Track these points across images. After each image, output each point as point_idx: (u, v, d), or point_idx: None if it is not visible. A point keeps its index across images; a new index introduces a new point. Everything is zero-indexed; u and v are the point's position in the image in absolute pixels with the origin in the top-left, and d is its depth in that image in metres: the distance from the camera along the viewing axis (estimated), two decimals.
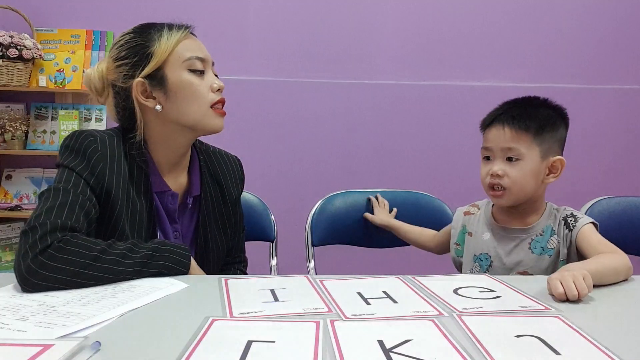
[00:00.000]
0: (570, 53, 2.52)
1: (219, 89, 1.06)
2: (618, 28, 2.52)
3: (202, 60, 1.04)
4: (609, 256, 1.00)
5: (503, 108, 1.16)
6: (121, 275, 0.88)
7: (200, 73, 1.04)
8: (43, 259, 0.84)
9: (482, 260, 1.20)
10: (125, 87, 1.03)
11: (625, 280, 0.97)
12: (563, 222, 1.13)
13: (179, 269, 0.95)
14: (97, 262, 0.87)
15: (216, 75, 1.09)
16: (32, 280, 0.83)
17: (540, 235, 1.15)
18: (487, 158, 1.15)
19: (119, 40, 1.05)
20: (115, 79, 1.04)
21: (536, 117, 1.11)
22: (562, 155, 1.16)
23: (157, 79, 1.02)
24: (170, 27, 1.04)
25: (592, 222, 1.12)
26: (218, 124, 1.06)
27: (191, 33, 1.08)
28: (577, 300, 0.83)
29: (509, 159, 1.11)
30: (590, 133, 2.54)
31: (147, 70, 1.01)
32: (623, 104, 2.55)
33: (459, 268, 1.28)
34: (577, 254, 1.12)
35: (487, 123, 1.16)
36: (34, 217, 0.89)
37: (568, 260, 1.12)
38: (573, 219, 1.13)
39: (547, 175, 1.14)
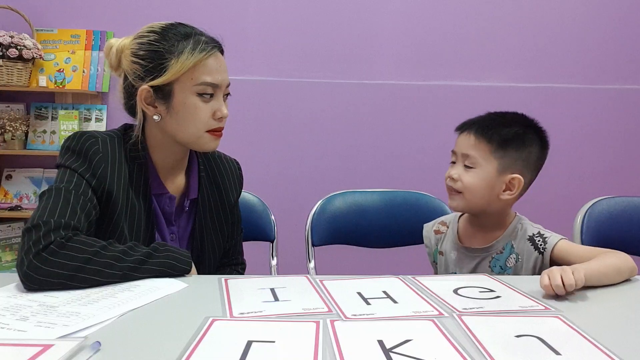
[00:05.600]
0: (570, 53, 2.52)
1: (221, 117, 1.03)
2: (618, 28, 2.52)
3: (214, 86, 1.01)
4: (609, 255, 0.99)
5: (478, 117, 1.18)
6: (122, 271, 0.88)
7: (209, 96, 1.01)
8: (46, 255, 0.84)
9: None
10: (134, 85, 1.01)
11: (629, 279, 0.97)
12: (529, 242, 1.11)
13: (181, 267, 0.95)
14: (97, 257, 0.87)
15: (228, 95, 1.07)
16: (35, 276, 0.83)
17: (500, 252, 1.14)
18: (454, 162, 1.17)
19: (143, 36, 1.01)
20: (127, 71, 1.02)
21: (502, 131, 1.11)
22: (533, 176, 1.14)
23: (164, 92, 1.00)
24: (197, 42, 0.99)
25: (563, 238, 1.10)
26: (211, 146, 1.05)
27: (220, 49, 1.04)
28: (563, 298, 0.83)
29: (466, 166, 1.13)
30: (591, 133, 2.54)
31: (157, 82, 0.99)
32: (623, 104, 2.55)
33: None
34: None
35: (459, 128, 1.18)
36: (37, 215, 0.89)
37: None
38: (541, 239, 1.10)
39: (504, 191, 1.12)
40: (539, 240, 1.10)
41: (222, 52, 1.06)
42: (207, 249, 1.15)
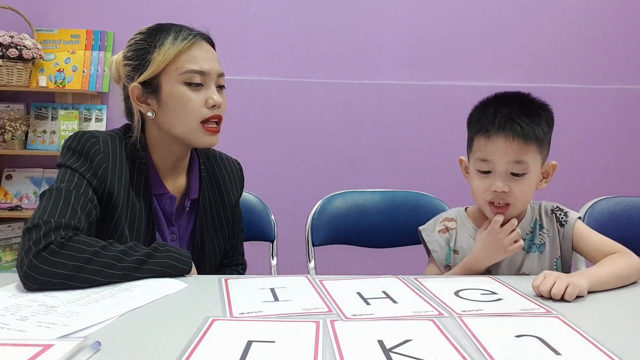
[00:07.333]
0: (569, 53, 2.52)
1: (214, 105, 1.02)
2: (618, 28, 2.52)
3: (202, 73, 1.01)
4: (618, 261, 0.96)
5: (502, 112, 0.99)
6: (122, 271, 0.88)
7: (198, 86, 1.01)
8: (46, 255, 0.84)
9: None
10: (128, 87, 1.03)
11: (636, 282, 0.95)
12: (553, 215, 1.07)
13: (181, 267, 0.95)
14: (97, 257, 0.87)
15: (222, 87, 1.06)
16: (35, 276, 0.83)
17: (530, 233, 1.09)
18: (485, 172, 1.01)
19: (132, 38, 1.05)
20: (123, 75, 1.05)
21: (541, 121, 0.99)
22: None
23: (153, 86, 1.01)
24: (179, 33, 1.00)
25: (580, 217, 1.09)
26: (208, 142, 1.04)
27: (206, 40, 1.05)
28: (564, 299, 0.83)
29: (514, 174, 0.99)
30: (590, 133, 2.54)
31: (143, 77, 1.00)
32: (623, 104, 2.55)
33: None
34: (572, 251, 1.08)
35: (486, 130, 1.00)
36: (37, 215, 0.89)
37: (562, 256, 1.07)
38: (562, 213, 1.06)
39: (540, 181, 1.05)
40: (560, 214, 1.06)
41: (211, 43, 1.07)
42: (208, 249, 1.15)
